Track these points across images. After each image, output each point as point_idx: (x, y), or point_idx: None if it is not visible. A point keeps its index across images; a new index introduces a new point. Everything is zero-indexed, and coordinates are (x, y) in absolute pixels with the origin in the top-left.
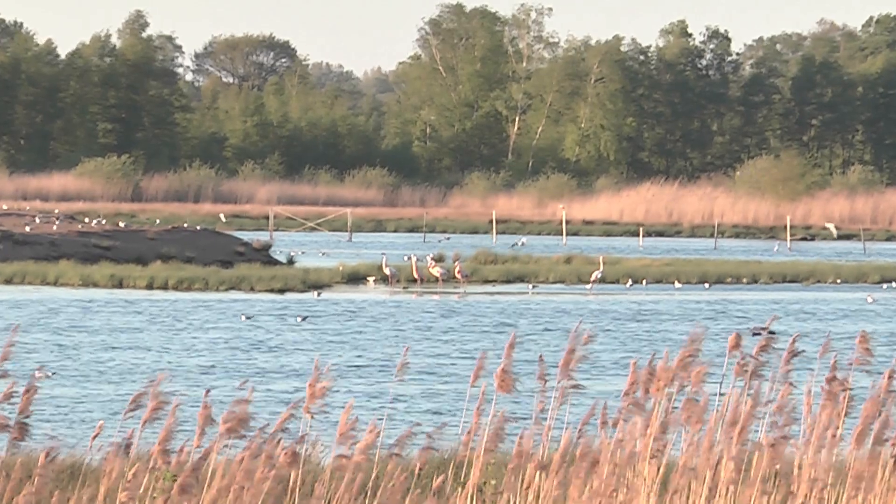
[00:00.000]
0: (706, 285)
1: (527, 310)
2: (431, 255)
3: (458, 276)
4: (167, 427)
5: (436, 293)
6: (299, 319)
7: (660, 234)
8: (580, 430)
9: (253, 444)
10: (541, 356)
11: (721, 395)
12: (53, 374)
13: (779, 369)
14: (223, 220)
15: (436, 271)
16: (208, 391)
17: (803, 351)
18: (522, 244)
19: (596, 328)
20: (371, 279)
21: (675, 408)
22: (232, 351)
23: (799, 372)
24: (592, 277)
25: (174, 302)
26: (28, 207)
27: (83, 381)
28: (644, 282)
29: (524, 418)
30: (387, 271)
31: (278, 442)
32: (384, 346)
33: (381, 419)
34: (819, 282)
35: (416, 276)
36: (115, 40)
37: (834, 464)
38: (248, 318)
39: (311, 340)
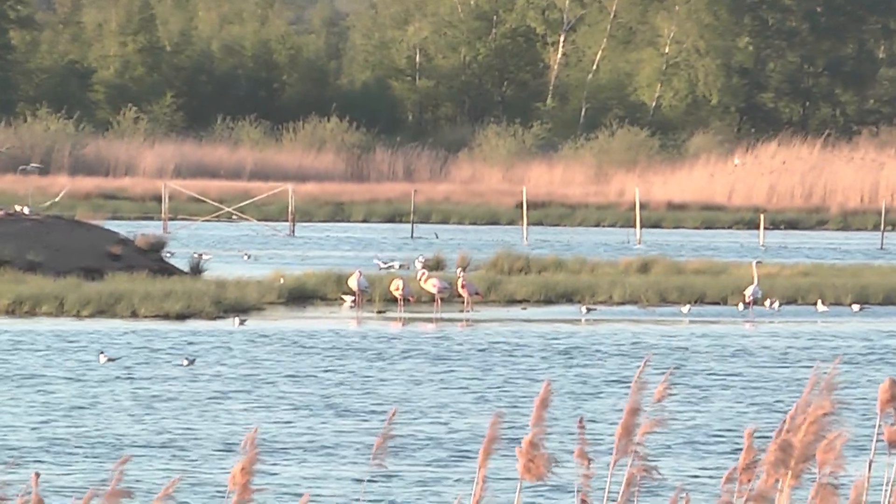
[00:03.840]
0: (859, 307)
1: (577, 346)
2: (422, 259)
3: (463, 292)
4: None
5: (430, 321)
6: (185, 363)
7: (792, 224)
8: None
9: None
10: (580, 420)
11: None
12: None
13: None
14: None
15: (430, 285)
16: (37, 475)
17: None
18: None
19: (681, 375)
20: (348, 298)
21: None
22: (86, 412)
23: None
24: (748, 296)
25: (6, 333)
26: None
27: None
28: (769, 302)
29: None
30: (353, 284)
31: None
32: (349, 407)
33: None
34: None
35: (397, 292)
36: None
37: None
38: (111, 359)
39: (208, 396)
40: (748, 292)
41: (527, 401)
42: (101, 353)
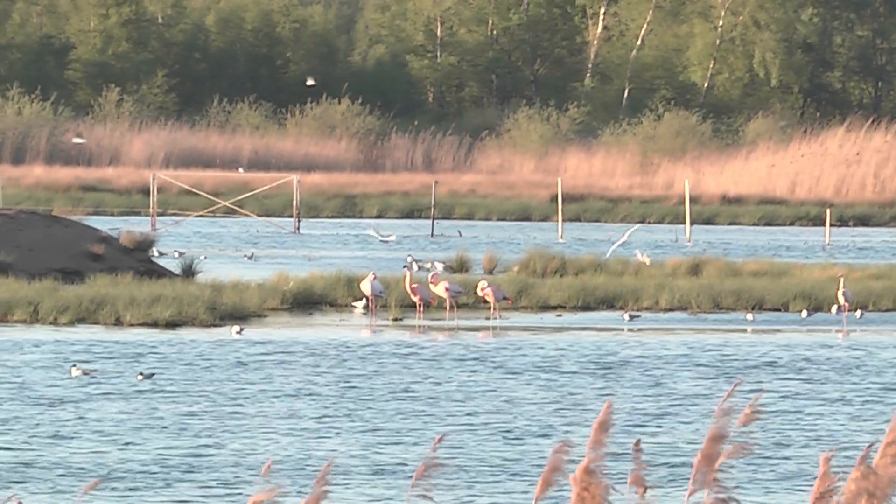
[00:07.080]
0: None
1: (620, 359)
2: (441, 260)
3: (486, 295)
4: None
5: (448, 329)
6: (140, 378)
7: (863, 220)
8: None
9: None
10: (637, 442)
11: None
12: None
13: None
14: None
15: (441, 289)
16: None
17: None
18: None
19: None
20: (360, 304)
21: None
22: (54, 433)
23: None
24: (841, 296)
25: None
26: None
27: None
28: (838, 307)
29: None
30: (366, 288)
31: None
32: (366, 427)
33: None
34: None
35: (414, 296)
36: None
37: None
38: (85, 373)
39: (197, 416)
40: (841, 293)
41: (560, 421)
42: (74, 365)
